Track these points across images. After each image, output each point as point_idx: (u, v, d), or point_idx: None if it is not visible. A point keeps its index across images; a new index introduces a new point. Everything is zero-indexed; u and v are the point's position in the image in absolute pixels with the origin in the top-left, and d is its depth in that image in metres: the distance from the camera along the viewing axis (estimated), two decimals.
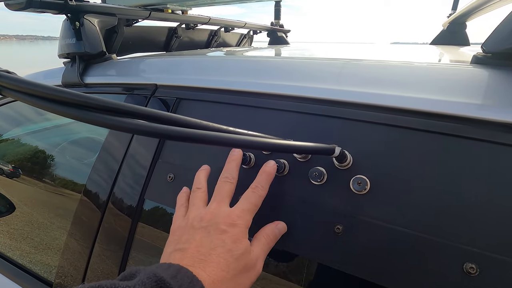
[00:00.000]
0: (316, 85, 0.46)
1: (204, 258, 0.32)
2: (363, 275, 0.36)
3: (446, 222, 0.34)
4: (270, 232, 0.38)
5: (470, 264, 0.31)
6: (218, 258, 0.32)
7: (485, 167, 0.33)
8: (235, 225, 0.35)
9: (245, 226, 0.36)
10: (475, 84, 0.37)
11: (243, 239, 0.35)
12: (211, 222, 0.35)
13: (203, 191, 0.41)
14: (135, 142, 0.58)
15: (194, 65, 0.62)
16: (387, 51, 0.80)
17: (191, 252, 0.33)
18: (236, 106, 0.51)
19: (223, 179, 0.39)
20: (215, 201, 0.38)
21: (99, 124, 0.21)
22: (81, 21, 0.67)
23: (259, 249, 0.37)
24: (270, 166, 0.40)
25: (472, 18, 1.02)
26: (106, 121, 0.21)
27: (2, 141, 1.04)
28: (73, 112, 0.21)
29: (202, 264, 0.31)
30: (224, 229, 0.34)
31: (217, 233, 0.34)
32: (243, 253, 0.34)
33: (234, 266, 0.33)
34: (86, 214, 0.62)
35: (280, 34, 1.50)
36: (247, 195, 0.38)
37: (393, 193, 0.37)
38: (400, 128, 0.38)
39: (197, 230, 0.35)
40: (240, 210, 0.36)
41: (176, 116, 0.28)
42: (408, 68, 0.45)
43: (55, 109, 0.21)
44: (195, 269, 0.30)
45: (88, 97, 0.21)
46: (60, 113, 0.21)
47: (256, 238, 0.38)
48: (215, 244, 0.33)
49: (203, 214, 0.37)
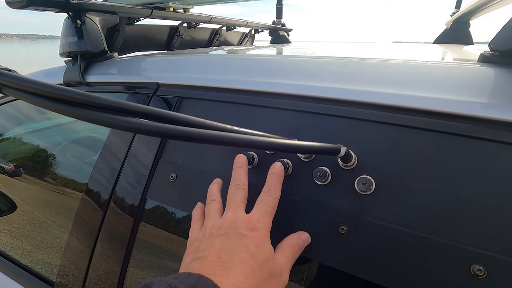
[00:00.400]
0: (319, 84, 0.46)
1: (226, 264, 0.30)
2: (368, 277, 0.35)
3: (453, 223, 0.33)
4: (294, 242, 0.36)
5: (477, 266, 0.31)
6: (242, 264, 0.30)
7: (493, 168, 0.33)
8: (256, 229, 0.33)
9: (266, 230, 0.34)
10: (482, 83, 0.37)
11: (266, 243, 0.33)
12: (230, 228, 0.34)
13: (218, 202, 0.40)
14: (137, 141, 0.58)
15: (196, 63, 0.61)
16: (390, 49, 0.80)
17: (212, 260, 0.31)
18: (239, 105, 0.51)
19: (234, 187, 0.38)
20: (231, 208, 0.36)
21: (103, 124, 0.21)
22: (83, 20, 0.67)
23: (285, 258, 0.35)
24: (277, 168, 0.39)
25: (475, 17, 1.01)
26: (111, 120, 0.21)
27: (4, 140, 1.03)
28: (76, 111, 0.20)
29: (225, 271, 0.29)
30: (245, 233, 0.33)
31: (238, 238, 0.32)
32: (267, 258, 0.32)
33: (260, 273, 0.31)
34: (88, 213, 0.62)
35: (281, 33, 1.50)
36: (262, 198, 0.37)
37: (398, 194, 0.36)
38: (406, 128, 0.38)
39: (216, 237, 0.34)
40: (259, 213, 0.35)
41: (179, 115, 0.27)
42: (413, 66, 0.44)
43: (57, 108, 0.21)
44: (217, 277, 0.28)
45: (92, 96, 0.21)
46: (62, 112, 0.21)
47: (279, 247, 0.36)
48: (237, 250, 0.31)
49: (220, 223, 0.35)
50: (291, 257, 0.35)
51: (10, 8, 0.56)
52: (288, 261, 0.35)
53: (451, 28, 1.09)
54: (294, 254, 0.36)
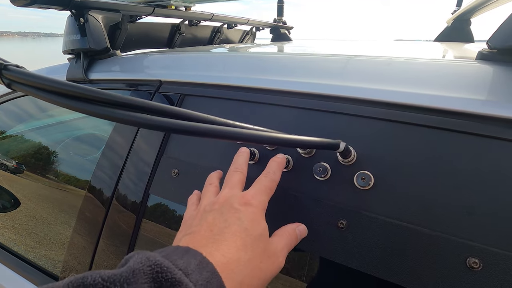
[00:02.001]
0: (320, 81, 0.46)
1: (218, 237, 0.29)
2: (366, 270, 0.36)
3: (449, 217, 0.34)
4: (291, 231, 0.36)
5: (473, 258, 0.32)
6: (234, 236, 0.29)
7: (490, 164, 0.34)
8: (250, 204, 0.32)
9: (262, 208, 0.33)
10: (480, 80, 0.37)
11: (261, 220, 0.32)
12: (224, 204, 0.33)
13: (215, 186, 0.39)
14: (140, 138, 0.59)
15: (198, 61, 0.62)
16: (391, 47, 0.80)
17: (203, 234, 0.30)
18: (240, 102, 0.51)
19: (232, 170, 0.38)
20: (227, 187, 0.36)
21: (115, 120, 0.22)
22: (86, 17, 0.67)
23: (281, 243, 0.33)
24: (279, 157, 0.39)
25: (476, 15, 1.01)
26: (124, 117, 0.21)
27: (6, 138, 1.04)
28: (88, 107, 0.21)
29: (216, 243, 0.28)
30: (239, 208, 0.32)
31: (231, 212, 0.31)
32: (261, 234, 0.31)
33: (253, 247, 0.29)
34: (91, 210, 0.63)
35: (283, 31, 1.50)
36: (259, 179, 0.36)
37: (396, 189, 0.37)
38: (404, 124, 0.39)
39: (209, 213, 0.33)
40: (254, 191, 0.34)
41: (180, 110, 0.28)
42: (412, 64, 0.45)
43: (67, 104, 0.22)
44: (207, 249, 0.27)
45: (105, 93, 0.22)
46: (73, 107, 0.21)
47: (276, 233, 0.35)
48: (229, 223, 0.30)
49: (215, 200, 0.35)
50: (288, 243, 0.34)
51: (15, 6, 0.57)
52: (284, 247, 0.33)
53: (452, 26, 1.09)
54: (291, 241, 0.35)
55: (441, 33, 1.14)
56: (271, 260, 0.31)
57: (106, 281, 0.20)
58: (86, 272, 0.20)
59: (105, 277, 0.20)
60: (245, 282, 0.27)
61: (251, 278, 0.28)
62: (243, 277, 0.27)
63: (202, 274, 0.23)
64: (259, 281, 0.29)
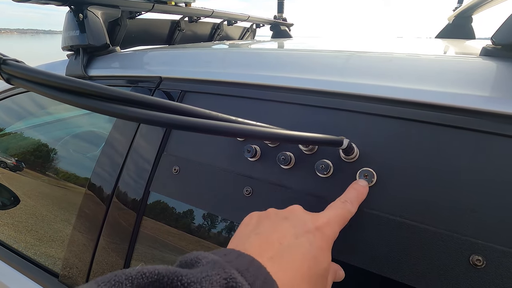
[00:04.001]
0: (322, 78, 0.46)
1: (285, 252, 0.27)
2: (369, 267, 0.36)
3: (453, 215, 0.34)
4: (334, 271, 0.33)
5: (476, 256, 0.31)
6: (302, 261, 0.26)
7: (493, 160, 0.33)
8: (323, 230, 0.30)
9: (332, 238, 0.30)
10: (484, 77, 0.37)
11: (329, 253, 0.29)
12: (296, 216, 0.31)
13: None
14: (140, 135, 0.58)
15: (199, 57, 0.62)
16: (393, 44, 0.80)
17: (270, 241, 0.27)
18: (241, 99, 0.51)
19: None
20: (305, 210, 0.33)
21: (118, 116, 0.21)
22: (85, 13, 0.67)
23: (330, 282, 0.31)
24: (362, 185, 0.36)
25: (478, 12, 1.01)
26: (127, 113, 0.21)
27: (5, 135, 1.04)
28: (89, 102, 0.20)
29: (283, 260, 0.26)
30: (311, 229, 0.29)
31: (302, 230, 0.29)
32: (326, 269, 0.28)
33: (316, 281, 0.27)
34: (91, 207, 0.62)
35: (283, 28, 1.49)
36: (337, 205, 0.33)
37: (399, 186, 0.37)
38: (408, 121, 0.38)
39: (281, 220, 0.30)
40: (329, 216, 0.31)
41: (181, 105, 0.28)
42: (415, 60, 0.44)
43: (68, 99, 0.21)
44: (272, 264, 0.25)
45: (108, 89, 0.21)
46: (73, 103, 0.21)
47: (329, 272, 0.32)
48: (300, 242, 0.28)
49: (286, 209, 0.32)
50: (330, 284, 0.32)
51: (14, 2, 0.56)
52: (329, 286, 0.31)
53: (454, 23, 1.09)
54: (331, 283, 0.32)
55: (442, 30, 1.14)
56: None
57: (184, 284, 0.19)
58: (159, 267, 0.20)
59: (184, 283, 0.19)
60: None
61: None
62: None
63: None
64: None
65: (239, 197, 0.45)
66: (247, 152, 0.45)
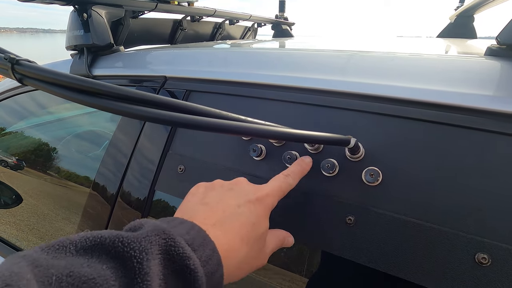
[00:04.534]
0: (325, 77, 0.46)
1: (227, 219, 0.30)
2: (375, 266, 0.36)
3: (458, 213, 0.34)
4: (282, 238, 0.37)
5: (482, 254, 0.32)
6: (242, 226, 0.30)
7: (499, 160, 0.34)
8: (263, 201, 0.33)
9: (271, 207, 0.34)
10: (490, 76, 0.37)
11: (266, 220, 0.33)
12: (240, 188, 0.34)
13: None
14: (145, 134, 0.58)
15: (204, 57, 0.62)
16: (395, 43, 0.80)
17: (215, 211, 0.31)
18: (246, 98, 0.51)
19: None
20: None
21: (131, 116, 0.21)
22: (89, 13, 0.67)
23: (273, 245, 0.35)
24: (306, 161, 0.40)
25: (480, 11, 1.01)
26: (141, 113, 0.21)
27: (7, 134, 1.04)
28: (106, 103, 0.21)
29: (224, 225, 0.29)
30: (253, 200, 0.33)
31: (245, 201, 0.32)
32: (263, 233, 0.33)
33: (253, 244, 0.31)
34: (96, 207, 0.63)
35: (284, 27, 1.49)
36: (279, 178, 0.37)
37: (405, 185, 0.37)
38: (413, 120, 0.38)
39: (226, 191, 0.34)
40: (269, 189, 0.35)
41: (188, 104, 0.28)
42: (420, 59, 0.44)
43: (81, 99, 0.21)
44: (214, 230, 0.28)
45: (125, 89, 0.21)
46: (89, 103, 0.21)
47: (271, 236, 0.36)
48: (241, 211, 0.31)
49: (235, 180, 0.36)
50: (275, 247, 0.36)
51: (19, 2, 0.56)
52: (273, 250, 0.35)
53: (455, 22, 1.09)
54: (278, 246, 0.36)
55: (443, 29, 1.14)
56: (261, 258, 0.33)
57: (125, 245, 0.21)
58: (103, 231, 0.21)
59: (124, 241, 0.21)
60: (234, 270, 0.29)
61: (240, 270, 0.31)
62: (234, 267, 0.29)
63: (206, 251, 0.25)
64: (243, 272, 0.32)
65: None
66: (253, 151, 0.45)
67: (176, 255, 0.23)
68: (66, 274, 0.18)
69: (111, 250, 0.20)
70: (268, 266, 0.44)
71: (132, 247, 0.21)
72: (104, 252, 0.20)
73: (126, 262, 0.20)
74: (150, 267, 0.20)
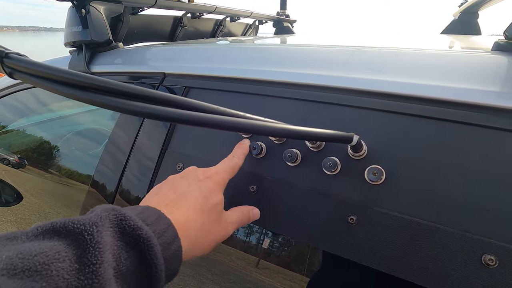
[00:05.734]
0: (327, 73, 0.45)
1: (180, 198, 0.32)
2: (377, 267, 0.35)
3: (464, 213, 0.33)
4: (245, 210, 0.40)
5: (489, 255, 0.31)
6: (194, 200, 0.33)
7: (506, 157, 0.32)
8: (212, 178, 0.37)
9: (221, 183, 0.37)
10: (497, 72, 0.36)
11: (219, 193, 0.36)
12: (190, 175, 0.37)
13: None
14: (143, 132, 0.58)
15: (203, 53, 0.61)
16: (399, 39, 0.79)
17: (167, 194, 0.33)
18: (246, 95, 0.50)
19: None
20: None
21: (127, 112, 0.20)
22: (87, 9, 0.66)
23: (234, 217, 0.38)
24: (244, 143, 0.44)
25: (484, 7, 0.99)
26: (135, 108, 0.20)
27: (8, 132, 1.04)
28: (97, 98, 0.20)
29: (177, 204, 0.31)
30: (202, 179, 0.36)
31: (195, 181, 0.35)
32: (217, 203, 0.35)
33: (208, 213, 0.33)
34: (94, 205, 0.62)
35: (286, 24, 1.48)
36: (225, 160, 0.40)
37: (409, 184, 0.36)
38: (417, 117, 0.37)
39: (178, 180, 0.36)
40: (218, 168, 0.39)
41: (188, 100, 0.27)
42: (424, 55, 0.43)
43: (73, 94, 0.21)
44: (168, 207, 0.30)
45: (117, 84, 0.20)
46: (79, 98, 0.20)
47: (231, 209, 0.39)
48: (192, 189, 0.34)
49: (185, 171, 0.39)
50: (239, 219, 0.38)
51: None
52: (235, 221, 0.38)
53: (459, 18, 1.07)
54: (243, 219, 0.39)
55: (447, 26, 1.12)
56: (221, 228, 0.35)
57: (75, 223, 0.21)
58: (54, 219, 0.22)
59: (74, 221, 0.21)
60: (196, 240, 0.31)
61: (201, 238, 0.32)
62: (195, 236, 0.31)
63: (160, 225, 0.26)
64: (208, 242, 0.34)
65: (245, 194, 0.44)
66: (253, 149, 0.44)
67: (127, 227, 0.23)
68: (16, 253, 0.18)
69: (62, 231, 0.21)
70: (269, 265, 0.44)
71: (83, 223, 0.21)
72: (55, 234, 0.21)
73: (77, 237, 0.21)
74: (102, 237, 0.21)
